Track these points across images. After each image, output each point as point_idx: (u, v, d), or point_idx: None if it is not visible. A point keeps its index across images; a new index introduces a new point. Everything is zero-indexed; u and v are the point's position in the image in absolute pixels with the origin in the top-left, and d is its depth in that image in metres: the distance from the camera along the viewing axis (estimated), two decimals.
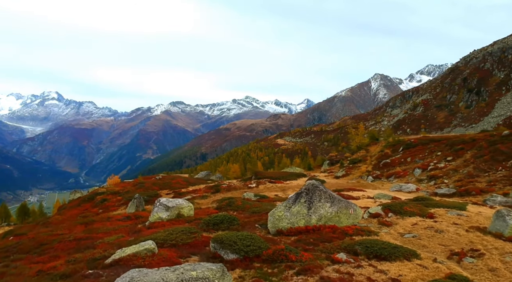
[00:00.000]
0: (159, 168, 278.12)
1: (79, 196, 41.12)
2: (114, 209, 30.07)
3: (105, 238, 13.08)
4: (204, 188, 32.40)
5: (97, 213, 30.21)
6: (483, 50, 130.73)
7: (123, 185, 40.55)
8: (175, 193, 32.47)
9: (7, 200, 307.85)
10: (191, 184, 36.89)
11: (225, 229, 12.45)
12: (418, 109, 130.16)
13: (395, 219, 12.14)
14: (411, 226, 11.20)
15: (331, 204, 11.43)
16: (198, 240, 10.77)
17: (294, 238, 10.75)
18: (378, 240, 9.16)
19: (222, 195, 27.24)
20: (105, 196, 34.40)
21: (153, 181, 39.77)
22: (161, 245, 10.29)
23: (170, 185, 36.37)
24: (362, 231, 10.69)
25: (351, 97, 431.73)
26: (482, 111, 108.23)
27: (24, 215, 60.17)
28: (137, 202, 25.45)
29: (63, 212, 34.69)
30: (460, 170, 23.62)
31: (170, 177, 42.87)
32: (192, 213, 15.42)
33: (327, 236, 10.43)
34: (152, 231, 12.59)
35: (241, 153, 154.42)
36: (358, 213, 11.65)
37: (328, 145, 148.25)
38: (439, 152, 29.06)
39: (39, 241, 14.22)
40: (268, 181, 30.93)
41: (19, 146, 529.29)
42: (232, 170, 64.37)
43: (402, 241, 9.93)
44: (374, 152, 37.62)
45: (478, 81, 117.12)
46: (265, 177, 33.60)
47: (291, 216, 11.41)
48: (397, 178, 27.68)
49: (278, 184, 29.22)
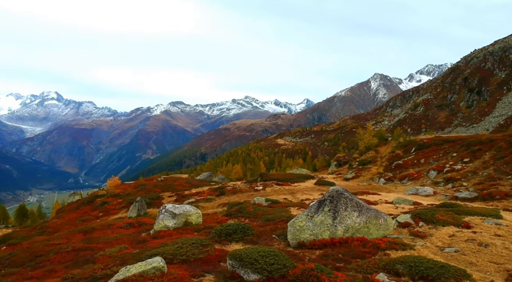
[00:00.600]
0: (158, 168, 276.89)
1: (78, 199, 39.80)
2: (115, 213, 28.92)
3: (106, 249, 11.90)
4: (208, 190, 31.27)
5: (97, 217, 29.03)
6: (484, 49, 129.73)
7: (123, 187, 39.27)
8: (177, 195, 31.39)
9: (7, 200, 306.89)
10: (194, 185, 35.76)
11: (238, 240, 11.29)
12: (419, 109, 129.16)
13: (427, 229, 10.96)
14: (448, 238, 10.02)
15: (358, 213, 10.24)
16: (211, 255, 9.59)
17: (319, 252, 9.56)
18: (421, 258, 7.98)
19: (228, 198, 26.07)
20: (105, 198, 33.23)
21: (155, 182, 38.57)
22: (170, 261, 9.11)
23: (173, 187, 35.27)
24: (396, 244, 9.51)
25: (351, 97, 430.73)
26: (483, 111, 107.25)
27: (23, 217, 58.87)
28: (138, 205, 24.32)
29: (62, 215, 33.48)
30: (479, 172, 22.43)
31: (172, 179, 41.60)
32: (201, 221, 14.23)
33: (358, 251, 9.25)
34: (159, 242, 11.40)
35: (241, 153, 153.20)
36: (389, 223, 10.46)
37: (329, 145, 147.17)
38: (454, 153, 27.84)
39: (34, 252, 13.03)
40: (275, 183, 29.69)
41: (18, 146, 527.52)
42: (234, 170, 63.16)
43: (444, 256, 8.75)
44: (385, 153, 36.32)
45: (479, 81, 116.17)
46: (272, 178, 32.38)
47: (314, 226, 10.23)
48: (411, 180, 26.49)
49: (286, 187, 28.01)
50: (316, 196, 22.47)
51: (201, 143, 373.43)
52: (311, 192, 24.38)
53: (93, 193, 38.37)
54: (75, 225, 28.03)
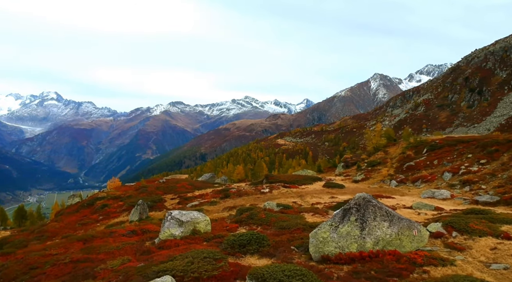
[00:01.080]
0: (158, 168, 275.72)
1: (78, 201, 38.55)
2: (116, 216, 27.86)
3: (108, 262, 10.83)
4: (211, 193, 30.20)
5: (97, 220, 27.96)
6: (485, 49, 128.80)
7: (124, 188, 38.08)
8: (180, 198, 30.28)
9: (6, 200, 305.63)
10: (196, 187, 34.45)
11: (254, 252, 10.23)
12: (420, 109, 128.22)
13: (463, 240, 9.91)
14: (491, 251, 8.97)
15: (389, 224, 9.19)
16: (226, 271, 8.53)
17: (347, 268, 8.51)
18: (470, 278, 6.91)
19: (233, 201, 25.00)
20: (105, 201, 32.02)
21: (157, 184, 37.45)
22: (181, 279, 8.06)
23: (175, 189, 34.15)
24: (433, 258, 8.46)
25: (351, 97, 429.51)
26: (485, 111, 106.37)
27: (22, 218, 57.70)
28: (140, 208, 23.31)
29: (61, 218, 32.41)
30: (498, 174, 21.37)
31: (174, 180, 40.33)
32: (209, 228, 13.17)
33: (392, 267, 8.20)
34: (165, 254, 10.33)
35: (242, 153, 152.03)
36: (423, 234, 9.40)
37: (329, 145, 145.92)
38: (469, 154, 26.71)
39: (28, 263, 11.96)
40: (282, 185, 28.52)
41: (18, 146, 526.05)
42: (236, 171, 62.01)
43: (493, 275, 7.69)
44: (395, 154, 35.14)
45: (480, 81, 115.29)
46: (278, 180, 31.41)
47: (339, 238, 9.18)
48: (424, 183, 25.37)
49: (293, 189, 26.87)
50: (326, 199, 21.41)
51: (201, 143, 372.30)
52: (320, 195, 23.30)
53: (93, 195, 37.18)
54: (75, 228, 26.93)
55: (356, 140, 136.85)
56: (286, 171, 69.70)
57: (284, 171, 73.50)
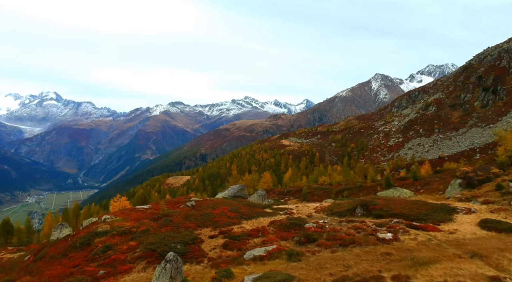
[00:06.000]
0: (158, 169, 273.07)
1: (67, 234, 26.77)
2: (126, 269, 17.64)
3: None
4: (272, 228, 21.32)
5: (96, 277, 17.09)
6: (498, 47, 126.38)
7: (135, 215, 26.68)
8: (224, 235, 20.94)
9: (5, 201, 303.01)
10: (243, 215, 24.94)
11: None
12: (431, 109, 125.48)
13: None
14: None
15: None
16: None
17: None
18: None
19: (331, 255, 15.33)
20: (108, 238, 21.78)
21: (184, 210, 26.63)
22: None
23: (213, 219, 24.22)
24: None
25: (352, 98, 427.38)
26: (500, 111, 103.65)
27: (7, 234, 52.92)
28: (171, 268, 13.73)
29: (39, 268, 21.44)
30: None
31: (208, 203, 28.82)
32: None
33: None
34: None
35: (245, 154, 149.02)
36: None
37: (336, 146, 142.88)
38: None
39: None
40: (403, 222, 19.69)
41: (17, 146, 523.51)
42: (263, 180, 54.29)
43: None
44: None
45: (494, 80, 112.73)
46: (387, 213, 21.82)
47: None
48: None
49: (432, 232, 17.32)
50: None
51: (201, 143, 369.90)
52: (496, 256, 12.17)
53: (91, 225, 25.36)
54: None
55: (365, 141, 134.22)
56: (315, 179, 61.71)
57: (313, 180, 63.12)
